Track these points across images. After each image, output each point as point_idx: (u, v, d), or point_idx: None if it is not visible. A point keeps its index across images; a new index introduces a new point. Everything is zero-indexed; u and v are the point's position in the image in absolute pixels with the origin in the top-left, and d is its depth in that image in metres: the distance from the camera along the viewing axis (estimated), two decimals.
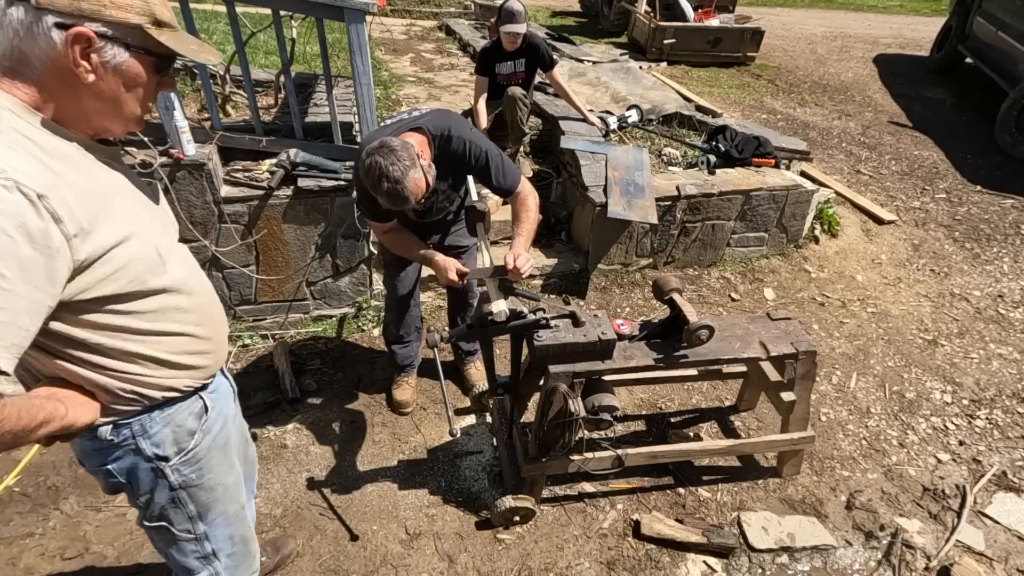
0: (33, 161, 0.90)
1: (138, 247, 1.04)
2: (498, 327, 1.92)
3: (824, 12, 12.23)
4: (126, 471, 1.24)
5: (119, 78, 0.98)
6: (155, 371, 1.15)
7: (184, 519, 1.35)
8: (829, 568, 2.21)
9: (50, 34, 0.90)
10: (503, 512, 2.21)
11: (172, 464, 1.26)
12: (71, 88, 0.96)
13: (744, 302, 3.70)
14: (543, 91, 4.73)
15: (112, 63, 0.96)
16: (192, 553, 1.40)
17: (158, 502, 1.30)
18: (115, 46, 0.95)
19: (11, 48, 0.92)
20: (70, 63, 0.92)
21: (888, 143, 5.79)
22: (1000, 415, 2.93)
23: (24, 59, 0.92)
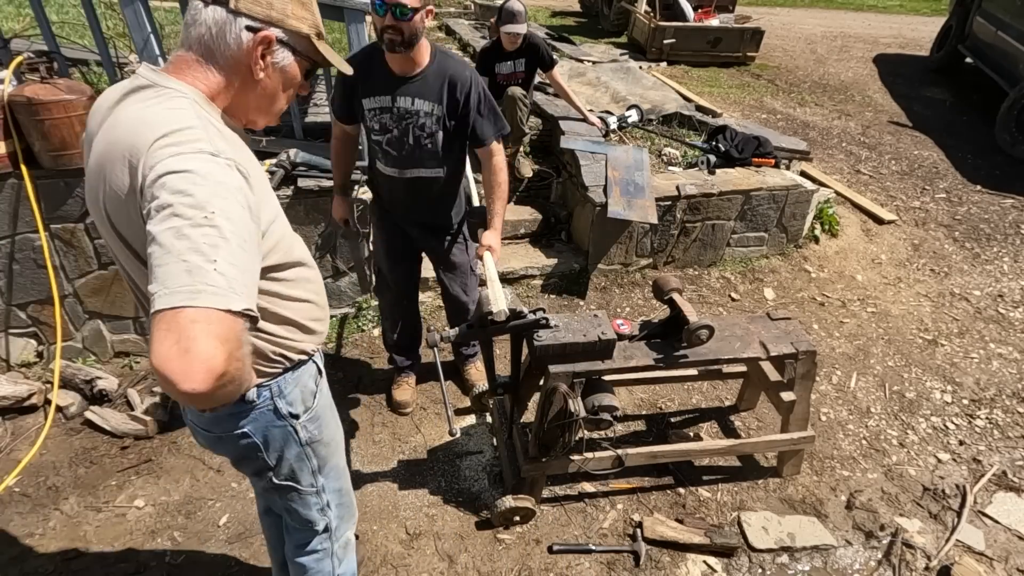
0: (229, 148, 1.00)
1: (282, 224, 1.19)
2: (498, 327, 1.92)
3: (824, 12, 12.23)
4: (262, 431, 1.31)
5: (281, 77, 1.13)
6: (295, 335, 1.27)
7: (309, 474, 1.45)
8: (829, 568, 2.21)
9: (240, 34, 1.04)
10: (503, 512, 2.21)
11: (301, 421, 1.36)
12: (243, 83, 1.09)
13: (744, 302, 3.70)
14: (543, 91, 4.73)
15: (280, 64, 1.11)
16: (314, 506, 1.52)
17: (288, 459, 1.38)
18: (285, 50, 1.10)
19: (200, 44, 1.04)
20: (251, 60, 1.06)
21: (888, 143, 5.79)
22: (1000, 415, 2.93)
23: (209, 54, 1.05)
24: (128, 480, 2.43)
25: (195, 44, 1.04)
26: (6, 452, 2.52)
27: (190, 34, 1.05)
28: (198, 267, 0.85)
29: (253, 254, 0.96)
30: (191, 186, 0.90)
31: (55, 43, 2.62)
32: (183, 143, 0.94)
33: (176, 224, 0.87)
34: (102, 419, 2.62)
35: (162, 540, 2.20)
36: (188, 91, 1.03)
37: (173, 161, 0.91)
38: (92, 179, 1.04)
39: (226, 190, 0.93)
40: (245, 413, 1.27)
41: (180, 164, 0.91)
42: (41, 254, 2.63)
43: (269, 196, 1.14)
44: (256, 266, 0.98)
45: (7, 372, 2.82)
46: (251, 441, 1.31)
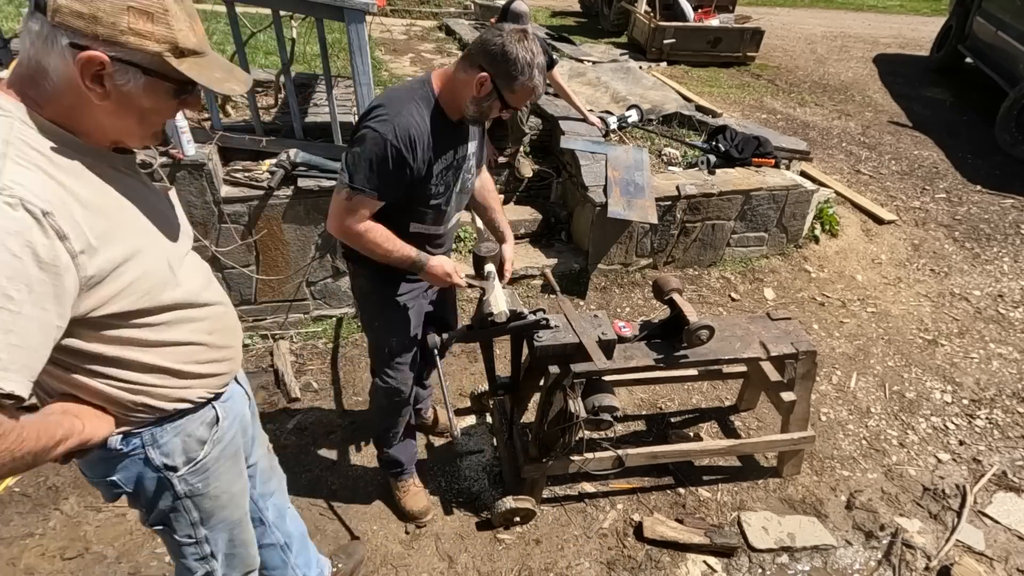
0: (41, 175, 0.87)
1: (149, 262, 1.03)
2: (498, 328, 1.92)
3: (824, 12, 12.23)
4: (132, 480, 1.22)
5: (135, 101, 0.95)
6: (167, 381, 1.13)
7: (186, 524, 1.33)
8: (829, 568, 2.21)
9: (63, 53, 0.88)
10: (503, 512, 2.21)
11: (180, 474, 1.24)
12: (85, 104, 0.93)
13: (744, 302, 3.70)
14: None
15: (127, 87, 0.93)
16: (191, 555, 1.39)
17: (161, 509, 1.28)
18: (130, 70, 0.92)
19: (28, 57, 0.90)
20: (84, 81, 0.89)
21: (888, 143, 5.79)
22: (1000, 415, 2.93)
23: (40, 70, 0.90)
24: None
25: (25, 57, 0.90)
26: None
27: (22, 45, 0.91)
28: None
29: (26, 309, 0.83)
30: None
31: None
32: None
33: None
34: None
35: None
36: (14, 109, 0.90)
37: None
38: None
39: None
40: (115, 460, 1.18)
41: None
42: None
43: (124, 230, 0.98)
44: (35, 323, 0.85)
45: None
46: (120, 490, 1.23)
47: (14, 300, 0.81)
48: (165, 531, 1.34)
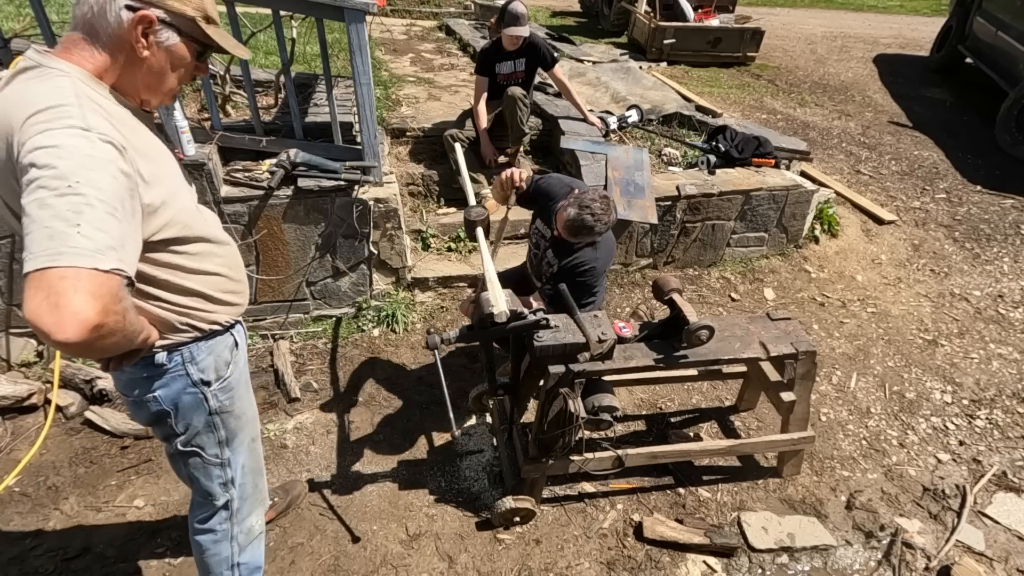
0: (107, 123, 1.05)
1: (181, 200, 1.24)
2: (498, 328, 1.92)
3: (824, 12, 12.23)
4: (172, 397, 1.39)
5: (168, 57, 1.16)
6: (203, 305, 1.34)
7: (214, 443, 1.51)
8: (829, 568, 2.21)
9: (120, 13, 1.08)
10: (503, 512, 2.21)
11: (212, 389, 1.43)
12: (129, 61, 1.12)
13: (744, 302, 3.70)
14: (543, 91, 4.73)
15: (165, 44, 1.14)
16: (216, 478, 1.57)
17: (196, 426, 1.46)
18: (169, 30, 1.14)
19: (84, 22, 1.09)
20: (132, 39, 1.10)
21: (888, 143, 5.79)
22: (1000, 415, 2.93)
23: (93, 33, 1.09)
24: (128, 480, 2.43)
25: (80, 23, 1.09)
26: (6, 452, 2.52)
27: (75, 13, 1.09)
28: (60, 232, 0.93)
29: (126, 220, 1.02)
30: (56, 159, 0.96)
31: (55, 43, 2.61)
32: (53, 120, 0.99)
33: (41, 196, 0.94)
34: (102, 419, 2.62)
35: (162, 540, 2.20)
36: (71, 70, 1.07)
37: (41, 138, 0.97)
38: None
39: (93, 162, 0.99)
40: (157, 377, 1.35)
41: (47, 140, 0.97)
42: None
43: (164, 173, 1.19)
44: (131, 231, 1.04)
45: (7, 372, 2.82)
46: (161, 408, 1.39)
47: (119, 211, 1.00)
48: (195, 453, 1.51)
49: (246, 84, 2.90)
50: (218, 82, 3.39)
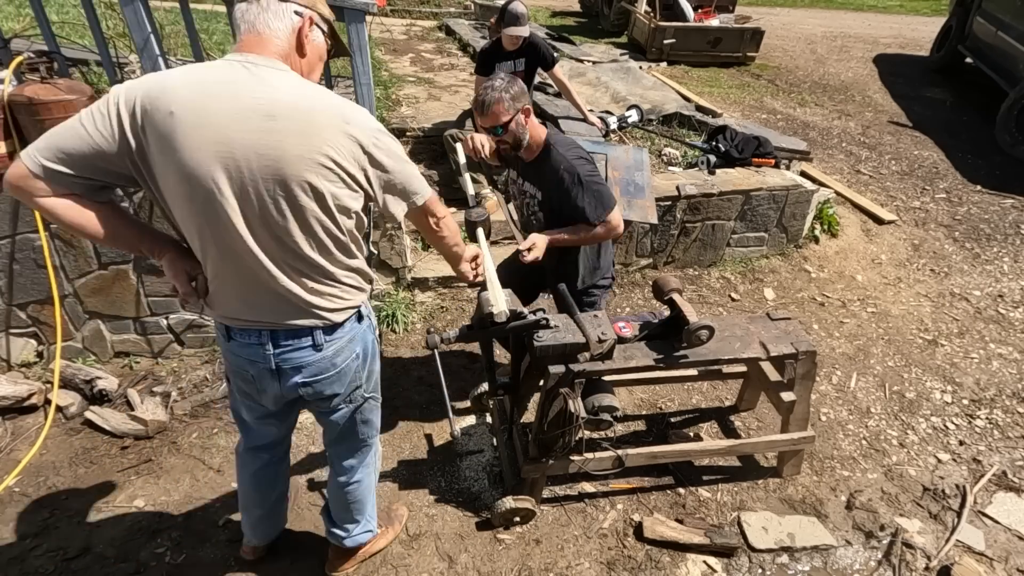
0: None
1: None
2: (498, 328, 1.92)
3: (824, 12, 12.23)
4: (364, 350, 1.61)
5: (316, 51, 1.39)
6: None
7: (376, 381, 1.76)
8: (829, 568, 2.21)
9: (292, 17, 1.32)
10: (503, 512, 2.21)
11: (375, 335, 1.67)
12: (296, 56, 1.34)
13: (744, 302, 3.70)
14: (543, 91, 4.73)
15: (315, 41, 1.38)
16: (379, 414, 1.86)
17: (374, 370, 1.71)
18: (317, 30, 1.38)
19: (267, 27, 1.30)
20: (303, 36, 1.33)
21: (888, 143, 5.79)
22: (1000, 415, 2.93)
23: (275, 35, 1.30)
24: (128, 480, 2.43)
25: (265, 28, 1.29)
26: (6, 452, 2.52)
27: (258, 21, 1.29)
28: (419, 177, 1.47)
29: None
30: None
31: (55, 43, 2.62)
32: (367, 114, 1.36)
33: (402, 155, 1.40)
34: (102, 419, 2.62)
35: (162, 540, 2.20)
36: (287, 67, 1.30)
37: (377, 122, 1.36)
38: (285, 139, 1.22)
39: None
40: (359, 334, 1.56)
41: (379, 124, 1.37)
42: (41, 254, 2.63)
43: None
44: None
45: (7, 372, 2.82)
46: (358, 363, 1.59)
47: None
48: (372, 397, 1.75)
49: None
50: None
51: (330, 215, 1.32)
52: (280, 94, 1.22)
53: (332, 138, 1.24)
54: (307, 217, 1.29)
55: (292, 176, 1.23)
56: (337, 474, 1.88)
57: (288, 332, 1.45)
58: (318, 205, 1.29)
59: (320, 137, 1.23)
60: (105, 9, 3.98)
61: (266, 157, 1.21)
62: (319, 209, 1.29)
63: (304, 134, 1.22)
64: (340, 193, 1.30)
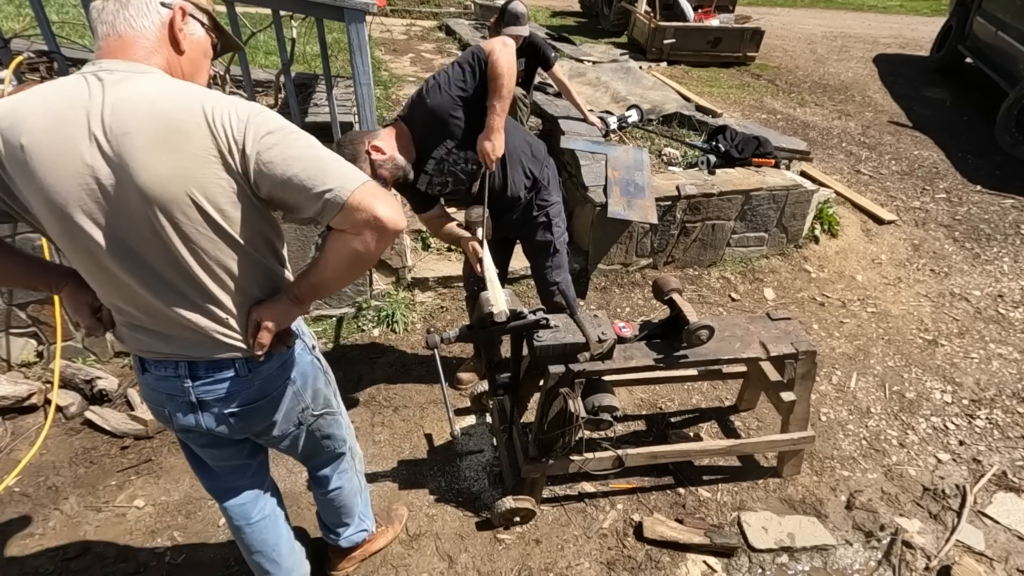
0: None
1: None
2: (498, 327, 1.92)
3: (824, 12, 12.23)
4: (302, 373, 1.46)
5: (199, 47, 1.22)
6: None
7: (332, 395, 1.62)
8: (829, 568, 2.21)
9: (160, 11, 1.14)
10: (503, 512, 2.21)
11: (316, 350, 1.55)
12: (171, 54, 1.17)
13: (744, 302, 3.70)
14: (543, 91, 4.73)
15: (195, 36, 1.21)
16: (344, 425, 1.72)
17: (320, 388, 1.55)
18: (194, 23, 1.21)
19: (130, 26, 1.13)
20: (175, 30, 1.16)
21: (888, 143, 5.79)
22: (1000, 415, 2.93)
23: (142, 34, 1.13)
24: (128, 480, 2.43)
25: (128, 28, 1.12)
26: (6, 452, 2.52)
27: (118, 20, 1.12)
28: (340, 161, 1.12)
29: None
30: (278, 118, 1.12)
31: (55, 43, 2.62)
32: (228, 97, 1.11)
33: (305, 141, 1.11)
34: (102, 419, 2.62)
35: (162, 540, 2.20)
36: (156, 69, 1.13)
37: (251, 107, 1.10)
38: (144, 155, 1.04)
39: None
40: (290, 360, 1.42)
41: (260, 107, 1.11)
42: (41, 254, 2.63)
43: None
44: None
45: (7, 372, 2.82)
46: (295, 388, 1.45)
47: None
48: (328, 413, 1.61)
49: (246, 84, 2.90)
50: (218, 82, 3.39)
51: (221, 233, 1.12)
52: (137, 104, 1.04)
53: (201, 141, 1.05)
54: (193, 239, 1.11)
55: (166, 196, 1.05)
56: (316, 484, 1.84)
57: (208, 364, 1.29)
58: (204, 224, 1.10)
59: (188, 143, 1.04)
60: None
61: (132, 179, 1.04)
62: (207, 228, 1.11)
63: (167, 144, 1.03)
64: (225, 206, 1.10)
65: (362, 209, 1.06)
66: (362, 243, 1.10)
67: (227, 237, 1.14)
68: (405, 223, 1.12)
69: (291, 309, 1.26)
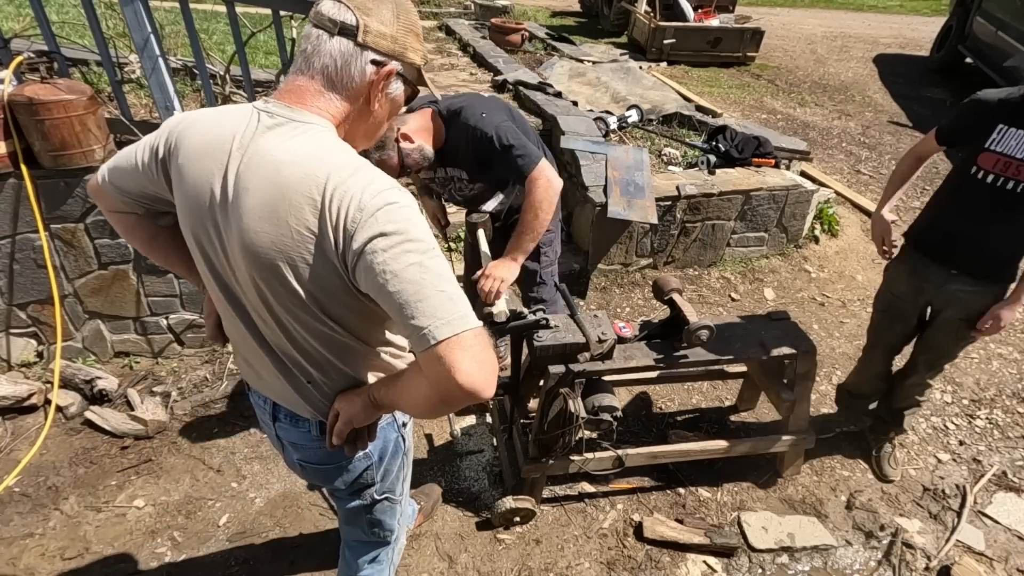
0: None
1: None
2: (498, 328, 1.92)
3: (824, 12, 12.23)
4: (380, 448, 1.34)
5: (391, 107, 1.12)
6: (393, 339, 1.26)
7: (401, 482, 1.49)
8: (829, 568, 2.21)
9: (365, 68, 1.02)
10: (503, 512, 2.21)
11: (407, 429, 1.41)
12: (359, 113, 1.08)
13: (744, 302, 3.70)
14: (543, 91, 4.73)
15: (392, 95, 1.10)
16: (398, 514, 1.55)
17: (391, 470, 1.41)
18: (399, 80, 1.09)
19: (323, 74, 1.02)
20: (373, 92, 1.05)
21: (888, 143, 5.79)
22: (1000, 415, 2.93)
23: (331, 85, 1.03)
24: (128, 480, 2.43)
25: (318, 74, 1.02)
26: (6, 452, 2.52)
27: (312, 64, 1.02)
28: (458, 296, 0.95)
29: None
30: (403, 216, 0.96)
31: (55, 43, 2.62)
32: (376, 179, 0.98)
33: (416, 257, 0.94)
34: (102, 419, 2.62)
35: (162, 540, 2.20)
36: (324, 123, 1.03)
37: (381, 196, 0.95)
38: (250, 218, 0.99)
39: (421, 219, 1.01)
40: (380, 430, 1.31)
41: (392, 197, 0.96)
42: (41, 254, 2.63)
43: None
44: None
45: (7, 372, 2.82)
46: (370, 462, 1.34)
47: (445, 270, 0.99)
48: (386, 499, 1.46)
49: (246, 84, 2.90)
50: (218, 82, 3.39)
51: (307, 310, 1.06)
52: (265, 163, 0.98)
53: (306, 218, 0.96)
54: (285, 306, 1.06)
55: (262, 263, 1.01)
56: (344, 558, 1.68)
57: (287, 413, 1.28)
58: (292, 298, 1.04)
59: (292, 218, 0.96)
60: (105, 9, 3.98)
61: (239, 235, 1.01)
62: (294, 302, 1.05)
63: (273, 215, 0.97)
64: (312, 286, 1.02)
65: (443, 364, 0.91)
66: (436, 394, 0.96)
67: (314, 314, 1.06)
68: (490, 389, 0.94)
69: (369, 410, 1.15)
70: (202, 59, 2.78)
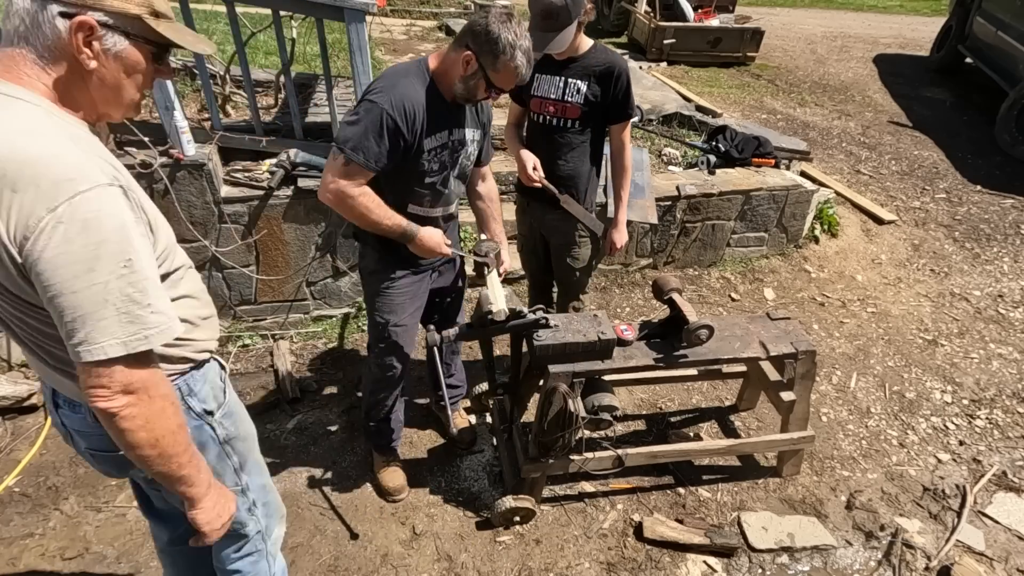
0: (96, 159, 0.94)
1: (164, 227, 1.13)
2: (498, 327, 1.92)
3: (824, 12, 12.22)
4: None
5: (120, 65, 1.00)
6: (191, 333, 1.21)
7: (231, 472, 1.41)
8: (829, 568, 2.21)
9: (55, 22, 0.92)
10: (503, 512, 2.21)
11: (216, 418, 1.32)
12: (78, 76, 0.98)
13: (744, 302, 3.70)
14: None
15: (113, 50, 0.98)
16: (242, 506, 1.46)
17: (210, 462, 1.31)
18: (115, 34, 0.97)
19: (19, 37, 0.94)
20: (74, 50, 0.94)
21: (888, 143, 5.79)
22: (1000, 415, 2.93)
23: (31, 48, 0.94)
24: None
25: (19, 39, 0.94)
26: (6, 452, 2.52)
27: (7, 28, 0.93)
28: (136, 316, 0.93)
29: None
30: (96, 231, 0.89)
31: None
32: (72, 179, 0.88)
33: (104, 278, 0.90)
34: None
35: None
36: (31, 97, 0.94)
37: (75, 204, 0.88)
38: None
39: (128, 226, 0.94)
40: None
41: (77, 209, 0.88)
42: None
43: (147, 202, 1.08)
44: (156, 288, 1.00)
45: (7, 372, 2.82)
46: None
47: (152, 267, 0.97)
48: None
49: (246, 84, 2.91)
50: (218, 82, 3.39)
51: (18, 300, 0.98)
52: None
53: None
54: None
55: None
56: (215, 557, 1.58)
57: (66, 398, 1.18)
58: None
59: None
60: None
61: None
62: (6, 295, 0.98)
63: None
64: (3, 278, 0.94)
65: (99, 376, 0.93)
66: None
67: (25, 304, 0.99)
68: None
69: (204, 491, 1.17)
70: (202, 59, 2.78)
